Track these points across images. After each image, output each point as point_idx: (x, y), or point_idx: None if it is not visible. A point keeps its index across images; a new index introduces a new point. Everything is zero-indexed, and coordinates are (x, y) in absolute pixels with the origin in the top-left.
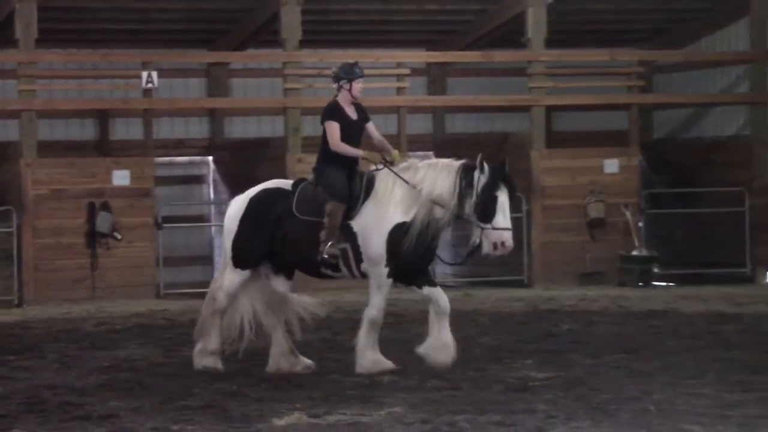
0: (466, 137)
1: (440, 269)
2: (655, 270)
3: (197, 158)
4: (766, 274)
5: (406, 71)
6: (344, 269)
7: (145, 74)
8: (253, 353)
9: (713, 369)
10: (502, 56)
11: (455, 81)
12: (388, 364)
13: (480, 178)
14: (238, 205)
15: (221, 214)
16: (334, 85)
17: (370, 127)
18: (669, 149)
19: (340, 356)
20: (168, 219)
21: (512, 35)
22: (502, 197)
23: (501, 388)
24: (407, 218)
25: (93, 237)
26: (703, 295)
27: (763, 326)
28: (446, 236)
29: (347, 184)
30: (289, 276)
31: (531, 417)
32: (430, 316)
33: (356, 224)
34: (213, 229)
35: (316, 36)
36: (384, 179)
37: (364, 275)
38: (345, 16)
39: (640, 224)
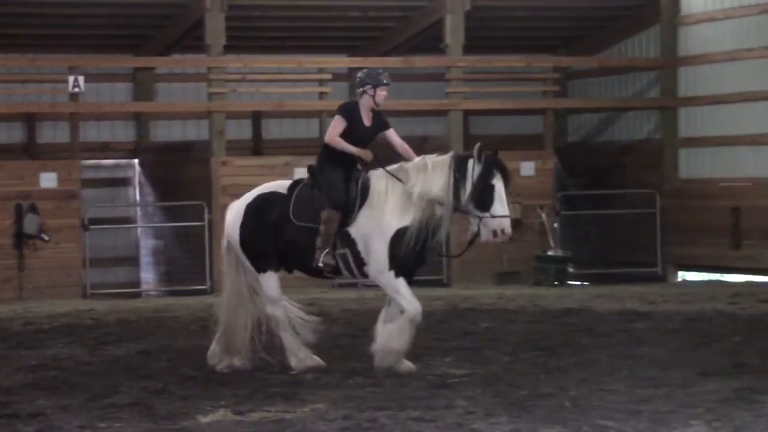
0: (385, 141)
1: None
2: (570, 270)
3: (123, 161)
4: (676, 273)
5: (328, 76)
6: (345, 272)
7: (71, 79)
8: (181, 351)
9: (626, 365)
10: (421, 62)
11: None
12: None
13: (475, 168)
14: (235, 212)
15: (147, 215)
16: (359, 90)
17: (391, 134)
18: (583, 152)
19: (263, 354)
20: (94, 221)
21: (431, 41)
22: (499, 185)
23: (421, 385)
24: (405, 223)
25: (20, 238)
26: (616, 294)
27: (674, 323)
28: (446, 231)
29: (344, 188)
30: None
31: (450, 412)
32: (380, 320)
33: (354, 231)
34: (139, 230)
35: (239, 42)
36: (378, 182)
37: (365, 276)
38: (268, 23)
39: (556, 225)
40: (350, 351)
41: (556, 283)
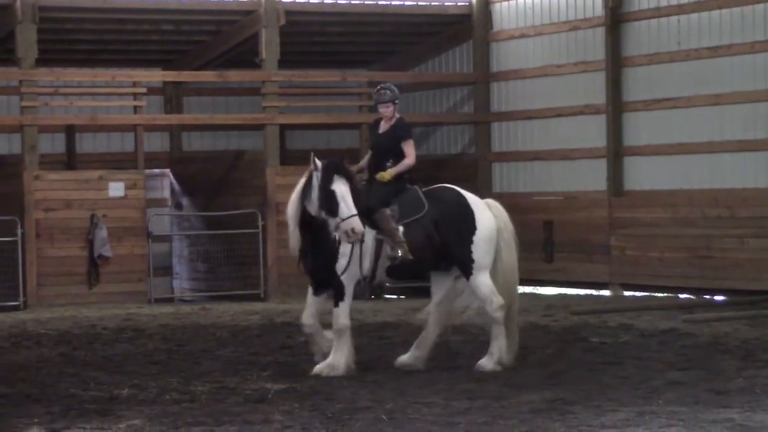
0: (202, 155)
1: (177, 283)
2: (386, 284)
3: None
4: None
5: (143, 90)
6: None
7: None
8: None
9: (442, 378)
10: (236, 76)
11: (191, 100)
12: None
13: (317, 177)
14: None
15: None
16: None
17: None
18: None
19: (77, 371)
20: None
21: (247, 55)
22: (339, 188)
23: (238, 400)
24: None
25: None
26: None
27: (488, 336)
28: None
29: None
30: None
31: (268, 427)
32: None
33: None
34: None
35: (52, 54)
36: None
37: None
38: (81, 35)
39: None
40: (166, 366)
41: (372, 297)
